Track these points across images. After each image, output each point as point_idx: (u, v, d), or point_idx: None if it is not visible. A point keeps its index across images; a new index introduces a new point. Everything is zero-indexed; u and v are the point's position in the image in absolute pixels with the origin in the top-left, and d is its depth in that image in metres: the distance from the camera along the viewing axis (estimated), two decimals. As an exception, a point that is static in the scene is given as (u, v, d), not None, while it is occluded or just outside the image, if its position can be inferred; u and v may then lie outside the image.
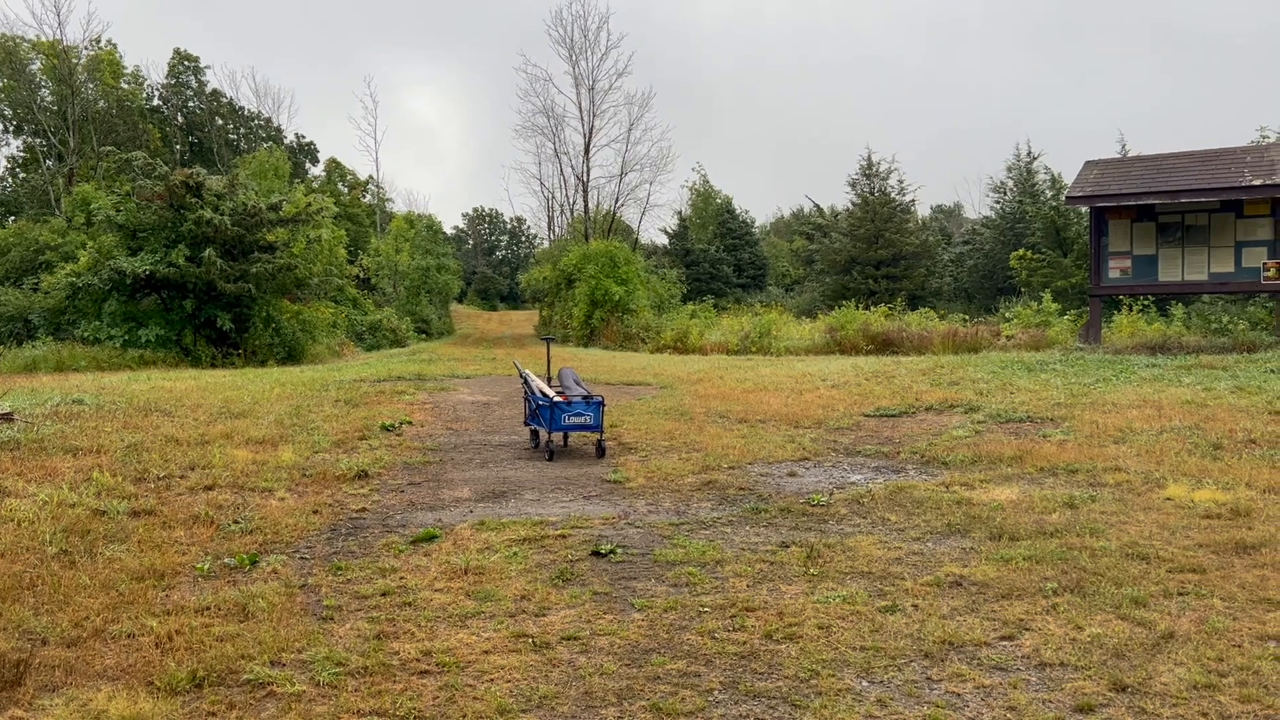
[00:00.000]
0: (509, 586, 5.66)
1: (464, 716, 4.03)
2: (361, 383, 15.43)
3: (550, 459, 9.54)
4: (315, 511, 7.45)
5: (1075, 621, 4.91)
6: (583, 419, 9.54)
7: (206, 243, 24.23)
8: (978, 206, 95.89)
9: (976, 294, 48.88)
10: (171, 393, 13.25)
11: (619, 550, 6.33)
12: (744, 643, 4.78)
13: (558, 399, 9.55)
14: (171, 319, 24.94)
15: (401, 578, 5.87)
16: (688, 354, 28.46)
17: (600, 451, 9.70)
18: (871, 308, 32.66)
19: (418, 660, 4.60)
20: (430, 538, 6.71)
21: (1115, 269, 15.89)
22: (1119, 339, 17.72)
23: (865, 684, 4.31)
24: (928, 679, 4.35)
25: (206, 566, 6.06)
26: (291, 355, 26.76)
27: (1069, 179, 44.08)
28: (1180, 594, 5.26)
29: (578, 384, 10.22)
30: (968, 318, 33.38)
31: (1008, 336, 25.88)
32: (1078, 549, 6.06)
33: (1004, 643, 4.73)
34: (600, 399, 9.69)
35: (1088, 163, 16.89)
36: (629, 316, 34.36)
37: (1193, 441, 9.09)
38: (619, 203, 55.49)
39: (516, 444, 10.61)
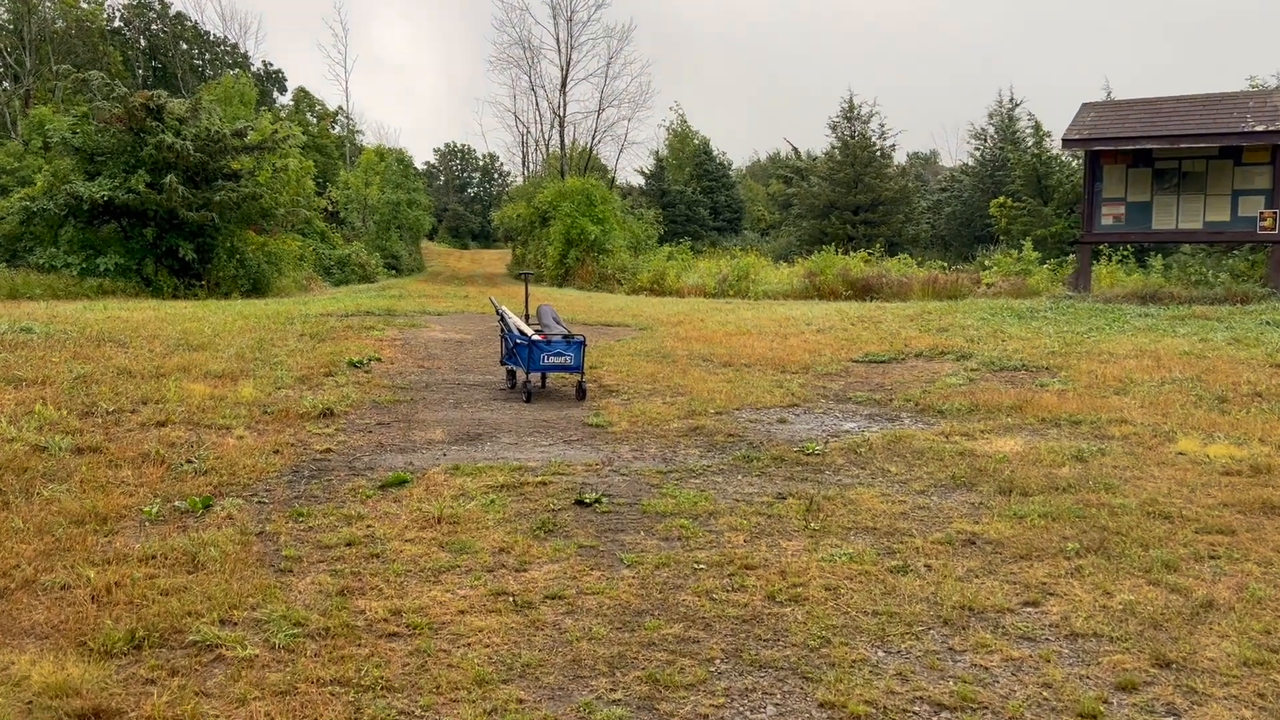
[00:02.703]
0: (486, 538, 5.20)
1: (437, 688, 3.58)
2: (328, 317, 14.81)
3: (528, 400, 9.04)
4: (276, 451, 6.93)
5: (1103, 586, 4.53)
6: (563, 359, 9.04)
7: (168, 169, 23.27)
8: (955, 154, 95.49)
9: (954, 241, 48.51)
10: (127, 323, 12.59)
11: (604, 500, 5.89)
12: (745, 605, 4.36)
13: (536, 338, 9.03)
14: (132, 247, 24.03)
15: (369, 526, 5.40)
16: (664, 296, 27.94)
17: (580, 393, 9.22)
18: (851, 253, 32.24)
19: (386, 620, 4.14)
20: (400, 482, 6.23)
21: (1108, 216, 15.48)
22: (1107, 288, 17.39)
23: (881, 654, 3.91)
24: (950, 649, 3.95)
25: (155, 510, 5.56)
26: (256, 288, 25.94)
27: (1051, 126, 43.65)
28: (1212, 557, 4.89)
29: (557, 322, 9.69)
30: (946, 265, 33.08)
31: (988, 284, 25.56)
32: (1095, 506, 5.67)
33: (1028, 609, 4.33)
34: (581, 338, 9.18)
35: (1084, 105, 16.40)
36: (605, 257, 33.69)
37: (1196, 394, 8.74)
38: (596, 139, 54.49)
39: (492, 384, 10.10)
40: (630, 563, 4.85)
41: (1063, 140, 15.15)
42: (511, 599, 4.37)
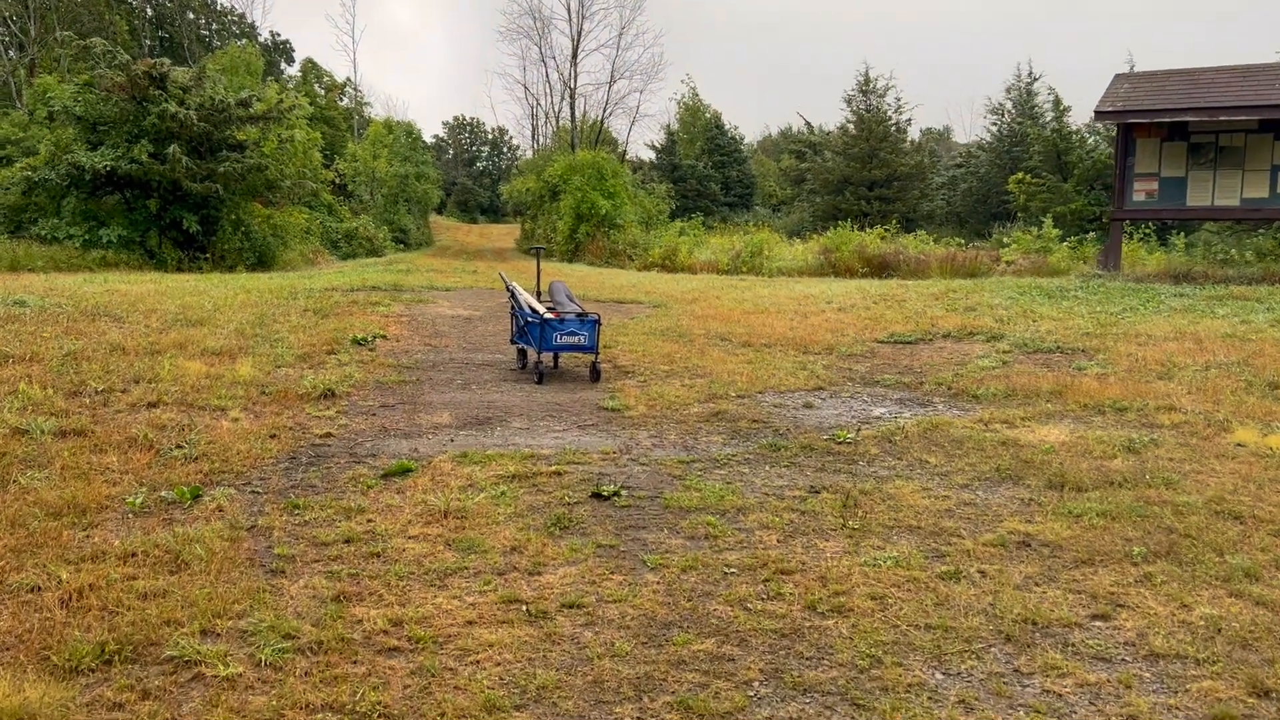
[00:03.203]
0: (497, 535, 4.78)
1: (441, 715, 3.16)
2: (333, 291, 14.38)
3: (539, 382, 8.60)
4: (272, 436, 6.52)
5: (1179, 598, 4.09)
6: (576, 339, 8.59)
7: (171, 139, 22.77)
8: (969, 130, 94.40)
9: (969, 218, 47.78)
10: (125, 296, 12.17)
11: (623, 492, 5.46)
12: (783, 616, 3.93)
13: (549, 316, 8.58)
14: (135, 219, 23.58)
15: (369, 520, 4.98)
16: (676, 272, 27.45)
17: (595, 375, 8.77)
18: (866, 230, 31.67)
19: (386, 633, 3.73)
20: (404, 471, 5.81)
21: (1140, 192, 14.92)
22: (1135, 267, 16.84)
23: (940, 676, 3.48)
24: (1016, 671, 3.52)
25: (139, 501, 5.15)
26: (262, 261, 25.50)
27: (1071, 102, 42.83)
28: (1295, 565, 4.45)
29: (570, 299, 9.23)
30: (963, 242, 32.47)
31: (1007, 262, 25.03)
32: (1156, 504, 5.23)
33: (1098, 623, 3.90)
34: (596, 317, 8.72)
35: (1118, 76, 15.80)
36: (615, 232, 33.11)
37: (1245, 379, 8.27)
38: (607, 111, 53.76)
39: (501, 364, 9.67)
40: (654, 565, 4.43)
41: (1095, 112, 14.56)
42: (525, 608, 3.96)
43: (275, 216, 27.09)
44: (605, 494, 5.40)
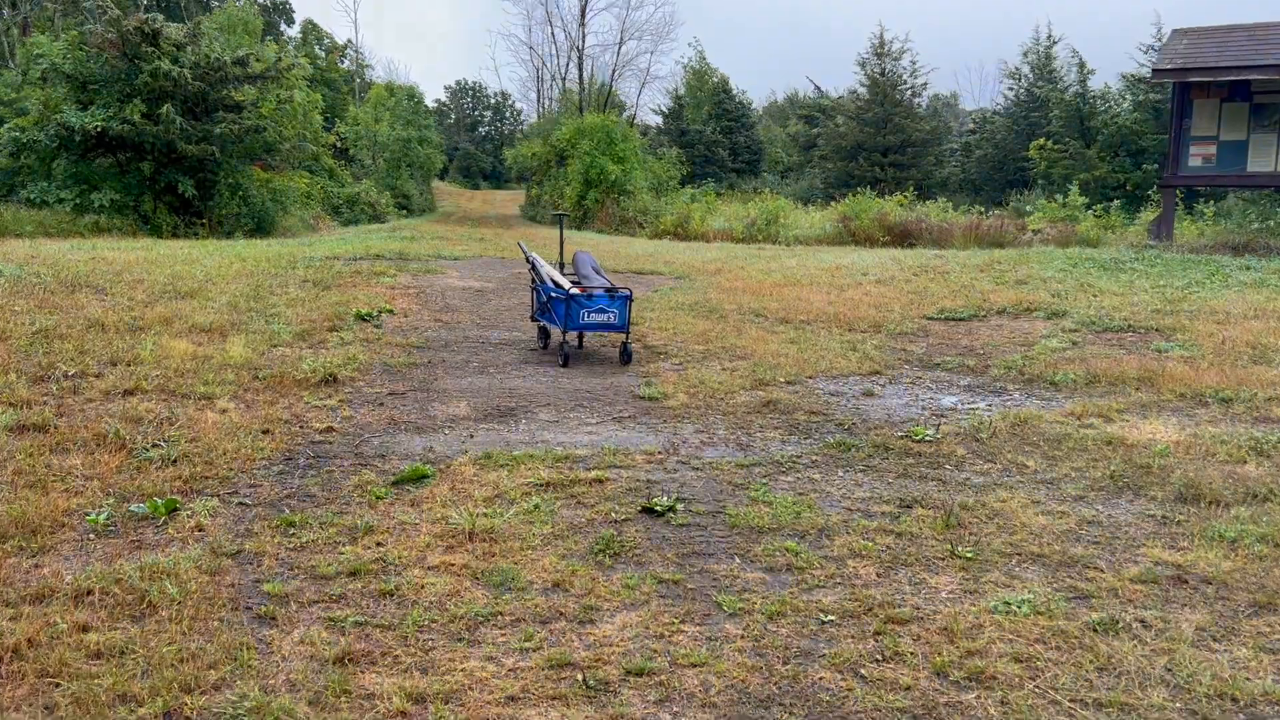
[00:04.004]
0: (534, 564, 3.93)
1: None
2: (335, 260, 13.48)
3: (565, 365, 7.73)
4: (265, 431, 5.66)
5: (1405, 662, 3.24)
6: (606, 316, 7.70)
7: (165, 98, 21.76)
8: (977, 97, 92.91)
9: (985, 185, 46.61)
10: (111, 265, 11.28)
11: (679, 507, 4.60)
12: (909, 687, 3.08)
13: (575, 291, 7.68)
14: (128, 183, 22.60)
15: (379, 544, 4.13)
16: (690, 240, 26.49)
17: (626, 356, 7.89)
18: (885, 197, 30.66)
19: (404, 715, 2.88)
20: (419, 477, 4.95)
21: (1197, 156, 13.94)
22: (1192, 237, 15.90)
23: (1133, 783, 2.63)
24: (1232, 776, 2.67)
25: (103, 517, 4.30)
26: (261, 227, 24.53)
27: (1094, 65, 41.59)
28: None
29: (597, 272, 8.31)
30: (982, 210, 31.47)
31: (1034, 230, 24.14)
32: (1321, 526, 4.37)
33: (1313, 700, 3.05)
34: (628, 292, 7.82)
35: (1175, 31, 14.78)
36: (625, 199, 32.06)
37: (1353, 365, 7.39)
38: (616, 73, 52.44)
39: (520, 343, 8.79)
40: (733, 611, 3.58)
41: (1153, 70, 13.56)
42: (580, 676, 3.11)
43: (274, 181, 26.11)
44: (658, 509, 4.54)
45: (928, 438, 5.80)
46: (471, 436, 5.76)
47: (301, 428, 5.79)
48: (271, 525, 4.30)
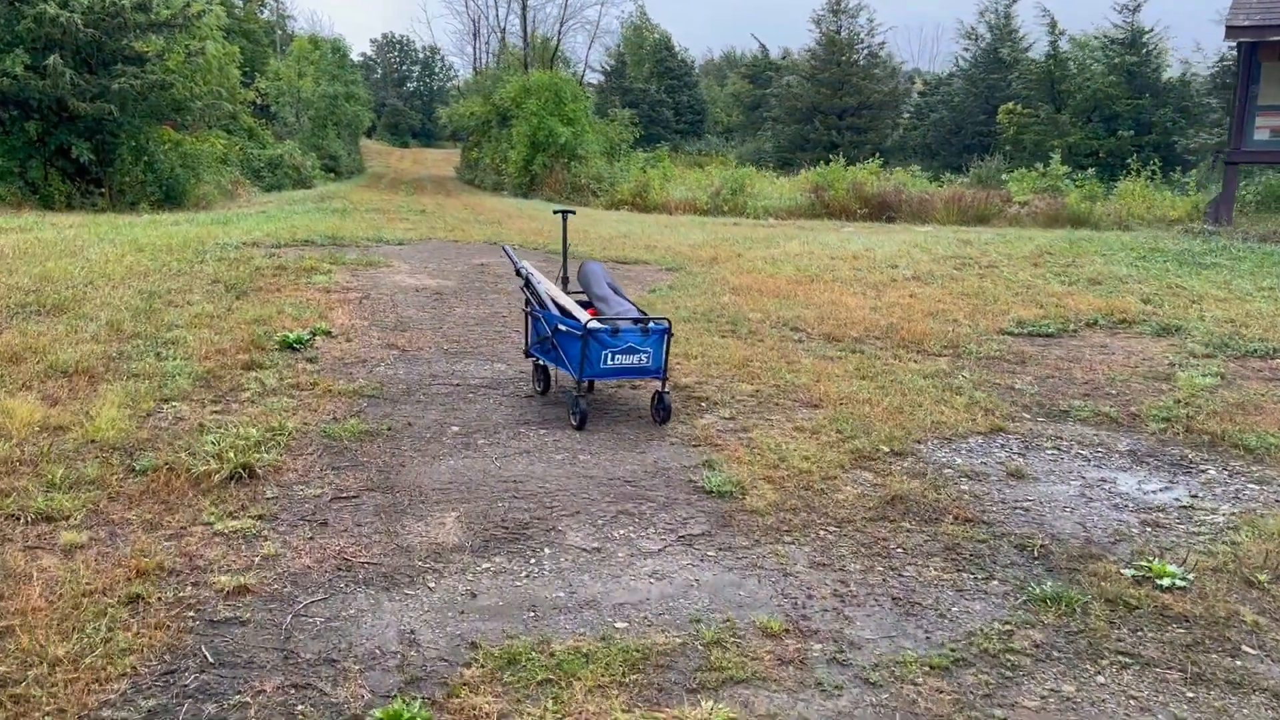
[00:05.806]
0: None
1: None
2: (254, 248, 11.06)
3: (580, 428, 5.51)
4: (133, 600, 3.42)
5: None
6: (637, 359, 5.50)
7: (53, 47, 18.86)
8: (918, 58, 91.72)
9: (941, 150, 45.01)
10: (-39, 262, 8.79)
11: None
12: None
13: (594, 324, 5.47)
14: (13, 145, 19.63)
15: None
16: (651, 212, 24.34)
17: (662, 411, 5.64)
18: (853, 165, 28.70)
19: None
20: (400, 726, 2.78)
21: (1264, 128, 12.16)
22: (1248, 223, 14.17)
23: None
24: None
25: None
26: (170, 197, 21.66)
27: (1066, 22, 40.09)
28: None
29: (617, 293, 6.07)
30: (934, 176, 29.82)
31: (1020, 203, 22.54)
32: None
33: None
34: (665, 324, 5.63)
35: (1243, -17, 12.97)
36: (577, 164, 29.65)
37: None
38: (562, 28, 49.56)
39: (508, 383, 6.56)
40: None
41: (1227, 27, 11.70)
42: None
43: (185, 143, 23.23)
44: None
45: (1179, 584, 3.79)
46: (472, 597, 3.58)
47: (195, 587, 3.55)
48: None
